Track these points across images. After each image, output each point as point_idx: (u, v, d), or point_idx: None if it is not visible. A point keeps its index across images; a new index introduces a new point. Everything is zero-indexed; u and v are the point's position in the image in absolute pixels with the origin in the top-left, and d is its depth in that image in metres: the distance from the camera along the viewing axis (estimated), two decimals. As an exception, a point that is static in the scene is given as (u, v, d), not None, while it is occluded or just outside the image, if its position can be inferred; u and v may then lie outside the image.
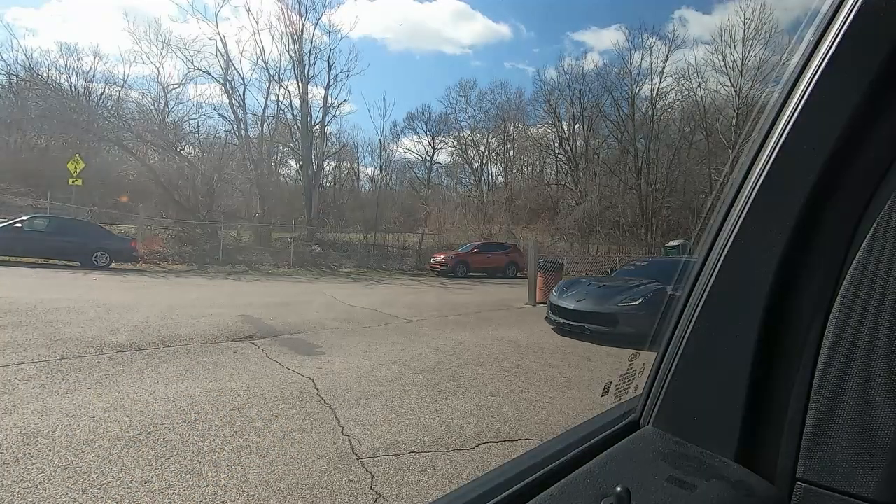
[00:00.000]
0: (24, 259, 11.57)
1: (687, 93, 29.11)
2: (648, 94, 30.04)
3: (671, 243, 22.89)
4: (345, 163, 31.44)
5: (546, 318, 6.80)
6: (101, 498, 1.99)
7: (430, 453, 2.58)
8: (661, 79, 29.51)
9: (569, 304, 6.31)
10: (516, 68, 42.70)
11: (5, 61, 24.50)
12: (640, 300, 5.86)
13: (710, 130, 27.71)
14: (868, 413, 0.52)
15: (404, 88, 45.90)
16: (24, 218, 11.87)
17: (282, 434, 2.72)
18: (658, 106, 29.69)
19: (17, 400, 3.01)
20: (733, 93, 27.36)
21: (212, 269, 14.21)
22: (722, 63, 27.36)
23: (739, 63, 27.18)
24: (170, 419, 2.85)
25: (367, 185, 33.84)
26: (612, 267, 14.11)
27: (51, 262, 11.72)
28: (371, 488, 2.18)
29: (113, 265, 12.20)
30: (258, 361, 4.24)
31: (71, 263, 11.81)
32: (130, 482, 2.13)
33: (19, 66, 24.94)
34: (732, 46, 27.11)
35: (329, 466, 2.37)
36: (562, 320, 6.30)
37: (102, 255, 11.96)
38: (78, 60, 26.62)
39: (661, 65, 29.43)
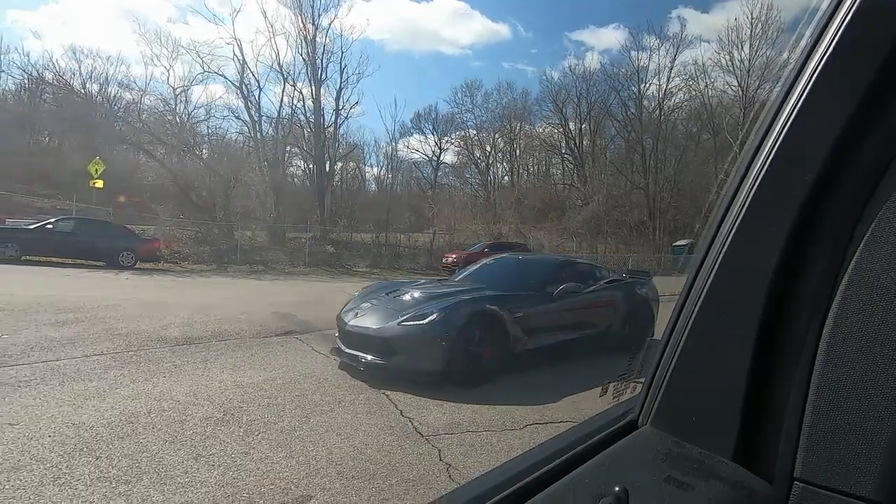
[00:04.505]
0: (52, 259, 11.97)
1: (694, 93, 29.30)
2: (654, 93, 30.29)
3: (678, 242, 23.10)
4: (350, 163, 31.89)
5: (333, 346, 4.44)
6: (212, 465, 2.31)
7: (484, 433, 2.89)
8: (668, 79, 29.74)
9: (347, 321, 4.17)
10: (515, 68, 43.27)
11: (21, 67, 24.96)
12: (434, 317, 3.79)
13: (716, 130, 27.88)
14: (866, 412, 0.52)
15: (404, 89, 46.62)
16: (53, 220, 12.27)
17: (349, 416, 3.04)
18: (665, 106, 29.91)
19: (106, 386, 3.34)
20: (740, 92, 27.55)
21: (231, 269, 14.60)
22: (729, 63, 27.54)
23: (747, 63, 27.37)
24: (245, 403, 3.17)
25: (373, 185, 34.27)
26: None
27: (77, 261, 12.12)
28: (441, 460, 2.50)
29: (137, 265, 12.59)
30: (306, 354, 4.56)
31: (97, 263, 12.20)
32: (233, 453, 2.45)
33: (40, 69, 25.39)
34: (739, 46, 27.29)
35: (399, 442, 2.68)
36: (339, 345, 4.20)
37: (128, 255, 12.36)
38: (93, 63, 27.17)
39: (669, 65, 29.68)
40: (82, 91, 25.93)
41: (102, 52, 37.14)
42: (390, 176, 31.32)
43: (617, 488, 0.53)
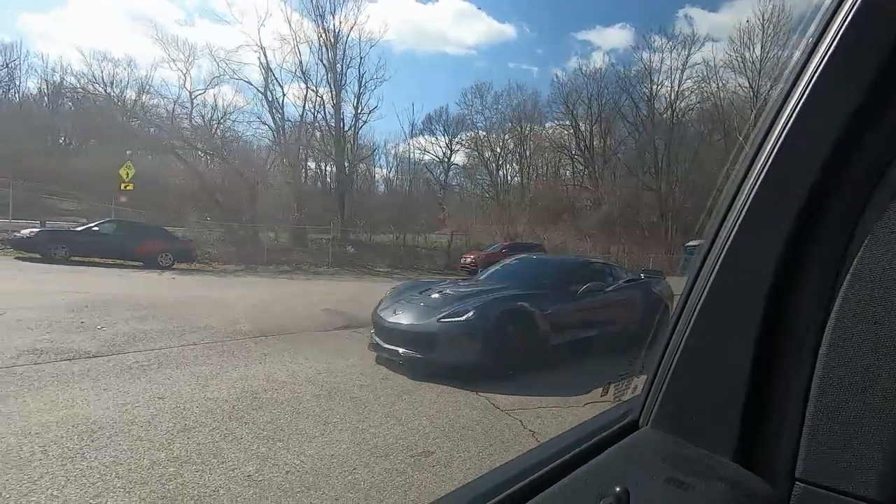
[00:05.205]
0: (95, 259, 12.57)
1: (706, 94, 29.57)
2: (666, 94, 30.59)
3: (691, 243, 23.43)
4: (361, 165, 32.55)
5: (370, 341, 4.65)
6: (341, 429, 2.82)
7: (553, 408, 3.37)
8: (680, 81, 30.00)
9: (386, 318, 4.48)
10: (521, 68, 43.89)
11: (41, 71, 25.79)
12: (471, 313, 4.11)
13: (727, 131, 28.13)
14: (867, 413, 0.52)
15: (410, 89, 47.29)
16: (97, 222, 12.89)
17: (434, 395, 3.53)
18: (677, 107, 30.20)
19: (215, 370, 3.86)
20: (751, 94, 27.79)
21: (259, 269, 15.16)
22: (741, 65, 27.79)
23: (758, 64, 27.63)
24: (341, 384, 3.68)
25: (381, 187, 35.00)
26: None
27: (116, 261, 12.66)
28: (524, 427, 2.98)
29: (174, 265, 13.19)
30: (371, 345, 5.06)
31: (136, 263, 12.75)
32: (352, 420, 2.95)
33: (60, 74, 26.22)
34: (751, 48, 27.54)
35: (485, 414, 3.17)
36: (377, 340, 4.44)
37: (166, 256, 12.97)
38: (114, 68, 28.01)
39: (680, 67, 29.96)
40: (103, 94, 26.78)
41: (113, 55, 38.13)
42: (399, 177, 32.03)
43: (618, 488, 0.53)
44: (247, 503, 2.02)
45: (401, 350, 4.10)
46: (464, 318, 4.11)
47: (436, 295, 4.73)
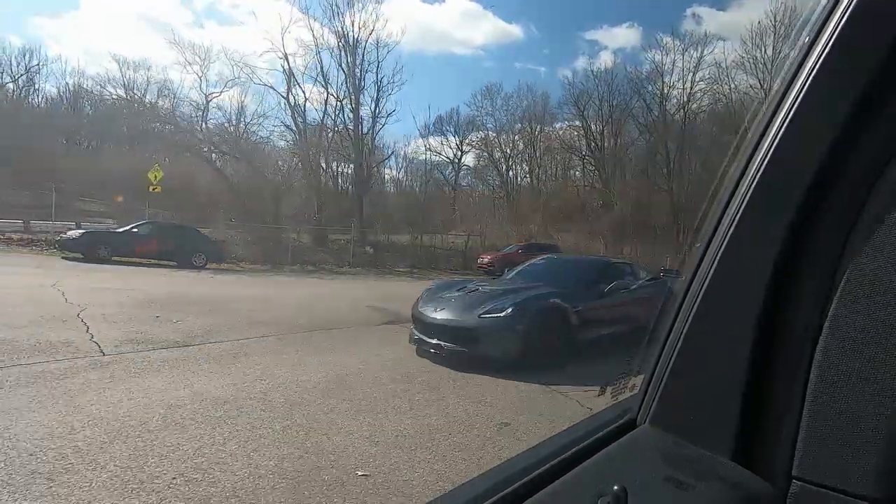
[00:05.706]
0: (134, 259, 13.18)
1: (718, 95, 29.75)
2: (678, 96, 30.80)
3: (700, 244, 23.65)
4: (372, 167, 33.12)
5: (410, 335, 4.98)
6: (426, 406, 3.30)
7: (593, 390, 3.82)
8: (692, 83, 30.19)
9: (427, 314, 4.83)
10: (527, 68, 44.26)
11: (60, 76, 26.52)
12: (510, 310, 4.46)
13: (738, 132, 28.25)
14: (863, 411, 0.52)
15: (418, 90, 48.00)
16: (137, 224, 13.52)
17: (488, 381, 3.99)
18: (688, 108, 30.40)
19: (295, 358, 4.36)
20: (762, 94, 27.93)
21: (286, 269, 15.73)
22: (752, 66, 27.97)
23: (770, 65, 27.77)
24: (410, 370, 4.16)
25: (392, 188, 35.60)
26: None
27: (152, 261, 13.22)
28: (581, 406, 3.44)
29: (207, 265, 13.78)
30: (421, 338, 5.53)
31: (170, 263, 13.31)
32: (430, 400, 3.43)
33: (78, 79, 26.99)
34: (763, 49, 27.69)
35: (544, 394, 3.64)
36: (418, 335, 4.79)
37: (200, 256, 13.56)
38: (134, 72, 28.78)
39: (692, 68, 30.13)
40: (122, 96, 27.53)
41: (126, 57, 38.83)
42: (409, 178, 32.58)
43: (616, 487, 0.53)
44: (373, 458, 2.50)
45: (443, 344, 4.44)
46: (503, 314, 4.47)
47: (471, 293, 5.11)
